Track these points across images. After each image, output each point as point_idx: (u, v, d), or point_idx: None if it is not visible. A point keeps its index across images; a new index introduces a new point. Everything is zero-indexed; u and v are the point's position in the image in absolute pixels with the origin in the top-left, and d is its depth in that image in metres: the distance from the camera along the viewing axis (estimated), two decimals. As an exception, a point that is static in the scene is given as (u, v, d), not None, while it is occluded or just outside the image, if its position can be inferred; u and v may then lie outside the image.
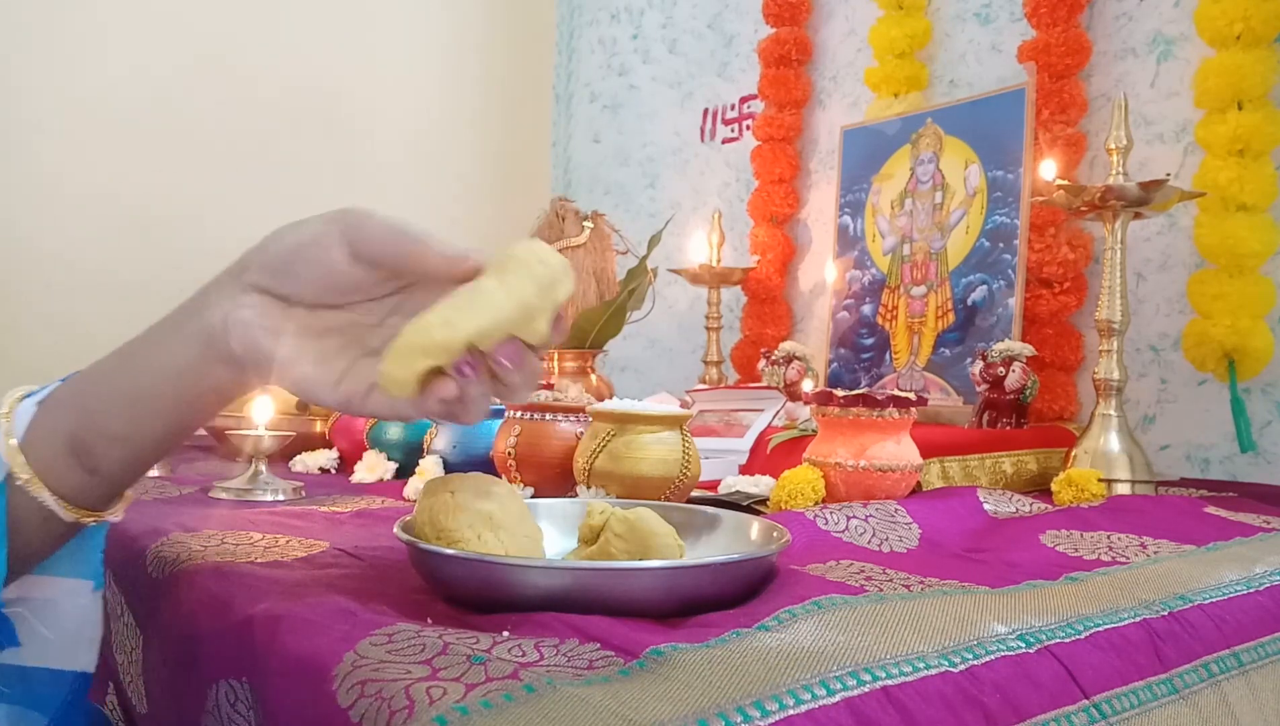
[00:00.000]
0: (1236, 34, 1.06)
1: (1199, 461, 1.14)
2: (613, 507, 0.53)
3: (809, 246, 1.63)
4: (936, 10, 1.44)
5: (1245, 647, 0.54)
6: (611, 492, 0.78)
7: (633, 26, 2.02)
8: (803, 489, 0.77)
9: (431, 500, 0.49)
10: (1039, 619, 0.47)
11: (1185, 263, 1.15)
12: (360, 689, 0.36)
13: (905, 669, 0.40)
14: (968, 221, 1.22)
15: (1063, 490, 0.86)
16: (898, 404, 0.78)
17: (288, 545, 0.62)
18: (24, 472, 0.48)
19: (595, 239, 1.42)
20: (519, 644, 0.40)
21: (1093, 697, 0.44)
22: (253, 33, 1.76)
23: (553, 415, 0.87)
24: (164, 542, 0.62)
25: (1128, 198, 0.91)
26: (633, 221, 1.91)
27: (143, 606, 0.62)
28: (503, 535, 0.49)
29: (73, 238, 1.56)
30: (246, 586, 0.50)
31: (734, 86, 1.80)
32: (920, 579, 0.55)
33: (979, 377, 1.05)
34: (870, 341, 1.32)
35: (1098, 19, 1.25)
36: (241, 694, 0.46)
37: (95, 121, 1.60)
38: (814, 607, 0.45)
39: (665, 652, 0.38)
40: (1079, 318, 1.23)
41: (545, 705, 0.34)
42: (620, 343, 1.48)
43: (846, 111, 1.57)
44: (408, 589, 0.51)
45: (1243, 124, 1.05)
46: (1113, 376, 0.93)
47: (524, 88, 2.17)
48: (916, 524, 0.71)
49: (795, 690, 0.37)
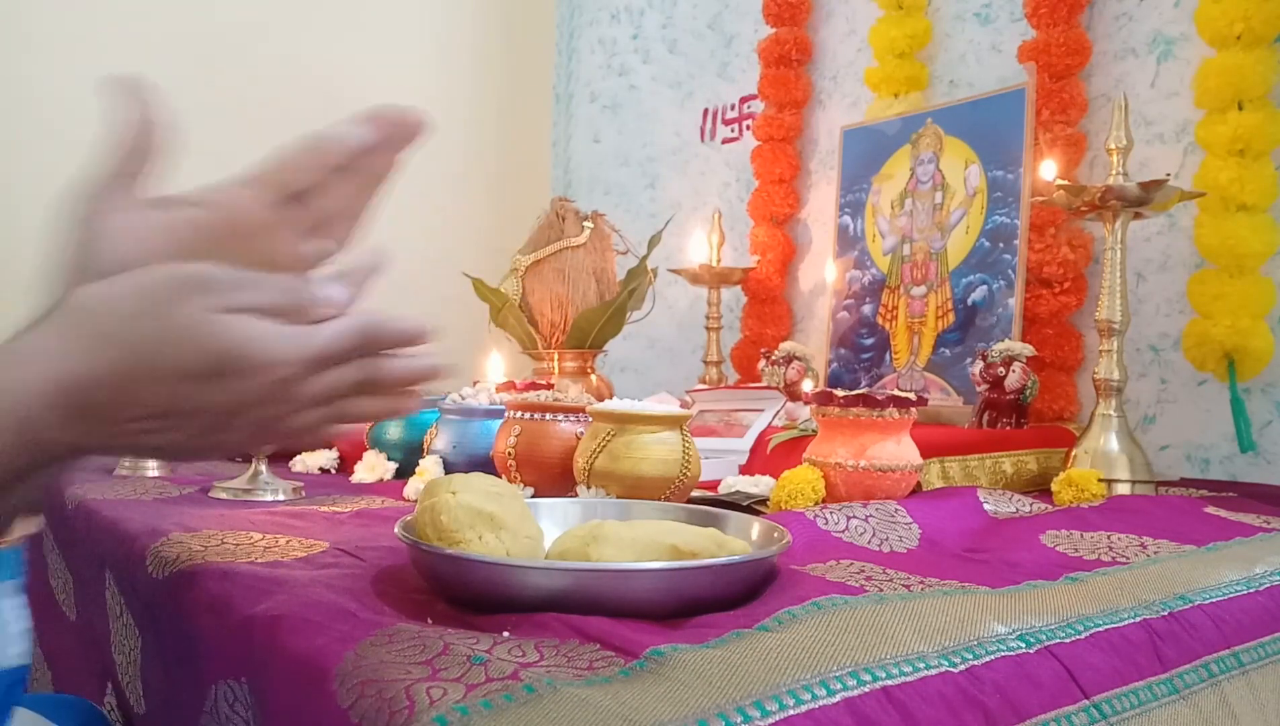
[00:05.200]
0: (1237, 34, 1.06)
1: (1199, 461, 1.14)
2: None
3: (809, 246, 1.63)
4: (936, 10, 1.44)
5: (1245, 647, 0.54)
6: (611, 492, 0.78)
7: (633, 26, 2.02)
8: (803, 489, 0.77)
9: (432, 500, 0.49)
10: (1039, 619, 0.47)
11: (1185, 263, 1.15)
12: (360, 689, 0.36)
13: (905, 669, 0.40)
14: (968, 221, 1.22)
15: (1063, 490, 0.86)
16: (898, 404, 0.78)
17: (288, 545, 0.62)
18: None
19: (595, 239, 1.42)
20: (519, 644, 0.40)
21: (1093, 697, 0.44)
22: (252, 33, 1.76)
23: (553, 415, 0.87)
24: (164, 542, 0.62)
25: (1128, 198, 0.91)
26: (633, 221, 1.91)
27: (142, 606, 0.62)
28: (504, 536, 0.49)
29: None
30: (246, 586, 0.50)
31: (734, 86, 1.80)
32: (920, 579, 0.55)
33: (979, 377, 1.05)
34: (870, 341, 1.32)
35: (1098, 19, 1.25)
36: (241, 694, 0.46)
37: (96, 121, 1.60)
38: (814, 608, 0.45)
39: (665, 653, 0.38)
40: (1079, 317, 1.23)
41: (545, 705, 0.34)
42: (620, 342, 1.48)
43: (846, 111, 1.57)
44: (408, 589, 0.51)
45: (1243, 124, 1.05)
46: (1113, 376, 0.93)
47: (524, 87, 2.17)
48: (916, 524, 0.71)
49: (795, 690, 0.37)
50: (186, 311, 0.41)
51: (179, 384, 0.41)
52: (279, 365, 0.42)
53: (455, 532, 0.48)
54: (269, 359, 0.41)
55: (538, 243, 1.42)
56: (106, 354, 0.41)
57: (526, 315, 1.40)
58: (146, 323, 0.41)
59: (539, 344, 1.39)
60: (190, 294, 0.41)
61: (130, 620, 0.64)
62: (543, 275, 1.39)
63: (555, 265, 1.38)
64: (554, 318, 1.38)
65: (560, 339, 1.38)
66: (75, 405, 0.41)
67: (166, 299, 0.41)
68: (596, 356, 1.42)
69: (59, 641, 0.86)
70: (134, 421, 0.42)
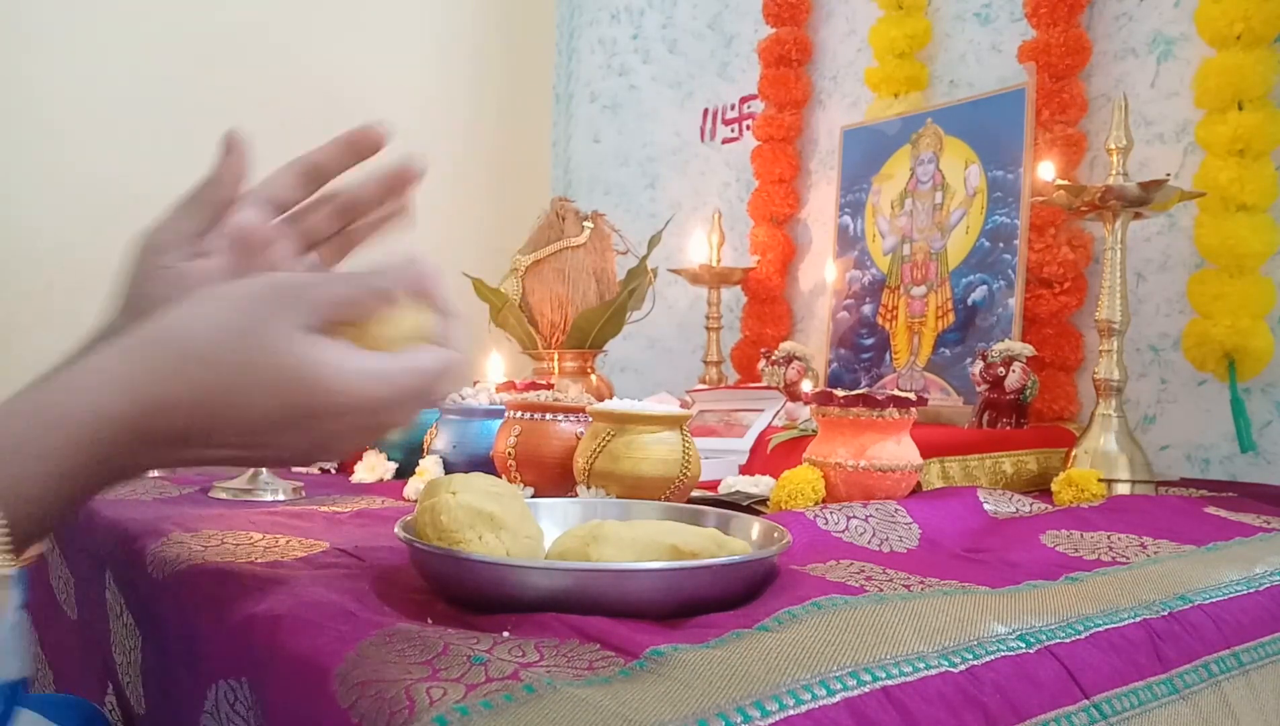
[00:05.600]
0: (1237, 34, 1.06)
1: (1199, 461, 1.14)
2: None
3: (809, 246, 1.63)
4: (936, 10, 1.44)
5: (1245, 647, 0.54)
6: (611, 492, 0.78)
7: (633, 26, 2.02)
8: (803, 489, 0.77)
9: (433, 500, 0.49)
10: (1039, 619, 0.47)
11: (1185, 263, 1.15)
12: (360, 689, 0.36)
13: (905, 669, 0.40)
14: (968, 221, 1.22)
15: (1063, 490, 0.86)
16: (898, 404, 0.78)
17: (288, 545, 0.62)
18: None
19: (595, 239, 1.42)
20: (519, 644, 0.40)
21: (1093, 697, 0.44)
22: (253, 33, 1.76)
23: (553, 415, 0.87)
24: (164, 542, 0.62)
25: (1128, 198, 0.91)
26: (633, 221, 1.91)
27: (142, 606, 0.62)
28: (504, 536, 0.49)
29: (73, 236, 1.56)
30: (246, 586, 0.50)
31: (734, 86, 1.80)
32: (920, 579, 0.55)
33: (979, 377, 1.05)
34: (870, 341, 1.32)
35: (1098, 19, 1.25)
36: (241, 694, 0.46)
37: (96, 121, 1.60)
38: (814, 608, 0.45)
39: (665, 653, 0.38)
40: (1079, 318, 1.23)
41: (545, 705, 0.34)
42: (620, 342, 1.48)
43: (846, 111, 1.57)
44: (408, 589, 0.51)
45: (1243, 124, 1.05)
46: (1113, 376, 0.93)
47: (524, 88, 2.17)
48: (916, 524, 0.71)
49: (795, 690, 0.37)
50: (276, 328, 0.41)
51: (260, 409, 0.41)
52: (360, 410, 0.42)
53: (455, 533, 0.48)
54: (351, 402, 0.42)
55: (538, 243, 1.41)
56: (188, 375, 0.41)
57: (526, 315, 1.40)
58: (234, 338, 0.41)
59: (539, 344, 1.39)
60: (281, 307, 0.41)
61: (130, 620, 0.64)
62: (543, 275, 1.38)
63: (555, 265, 1.38)
64: (554, 318, 1.38)
65: (560, 339, 1.38)
66: (151, 429, 0.41)
67: (257, 312, 0.41)
68: (596, 356, 1.42)
69: (59, 641, 0.86)
70: (209, 447, 0.43)
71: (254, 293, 0.42)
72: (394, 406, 0.43)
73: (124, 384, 0.41)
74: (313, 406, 0.41)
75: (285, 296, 0.42)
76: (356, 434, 0.44)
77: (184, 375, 0.41)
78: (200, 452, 0.43)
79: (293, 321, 0.41)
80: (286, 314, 0.41)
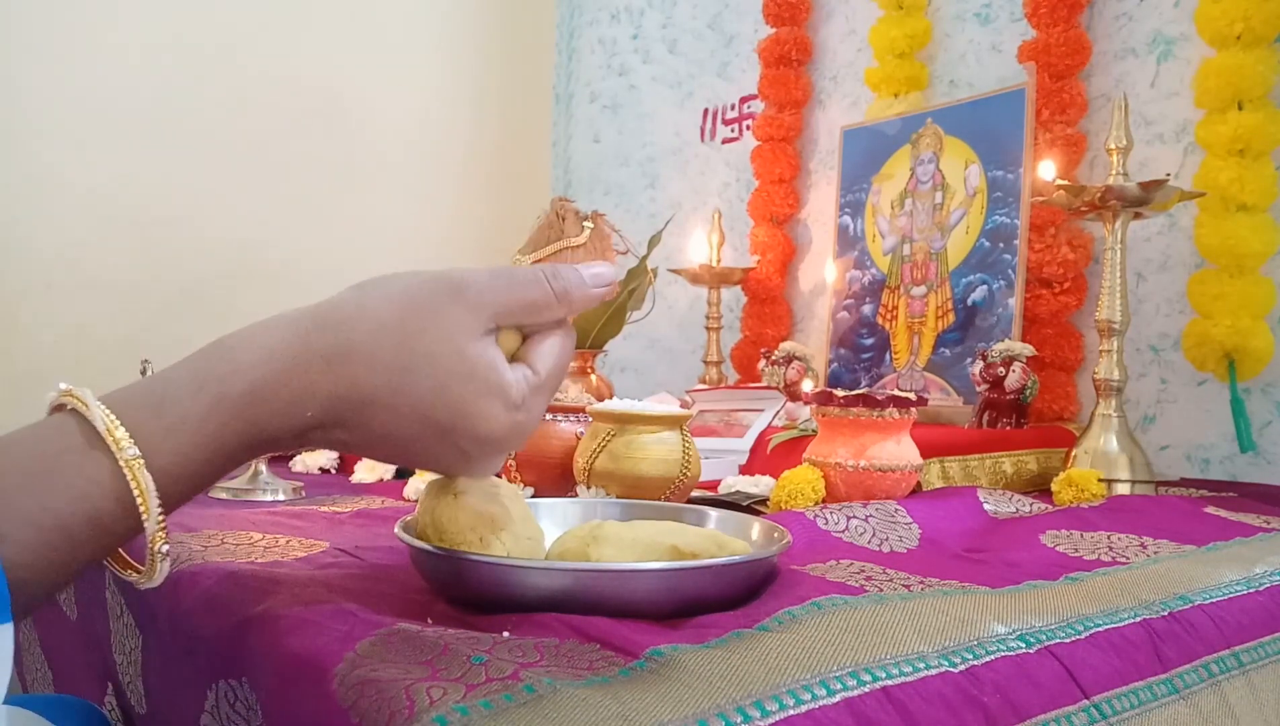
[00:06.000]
0: (1237, 34, 1.06)
1: (1199, 461, 1.14)
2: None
3: (809, 246, 1.63)
4: (936, 10, 1.44)
5: (1245, 647, 0.54)
6: (611, 492, 0.78)
7: (633, 26, 2.02)
8: (803, 489, 0.77)
9: (434, 501, 0.49)
10: (1039, 619, 0.47)
11: (1185, 263, 1.15)
12: (360, 689, 0.36)
13: (905, 669, 0.40)
14: (968, 221, 1.22)
15: (1063, 490, 0.86)
16: (898, 404, 0.78)
17: (288, 545, 0.62)
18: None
19: (595, 239, 1.42)
20: (519, 644, 0.40)
21: (1093, 697, 0.44)
22: (252, 33, 1.76)
23: (553, 415, 0.87)
24: (164, 543, 0.62)
25: (1128, 198, 0.91)
26: (633, 221, 1.91)
27: (142, 606, 0.62)
28: (505, 537, 0.49)
29: (73, 237, 1.56)
30: (246, 586, 0.50)
31: (734, 86, 1.80)
32: (920, 579, 0.55)
33: (979, 377, 1.05)
34: (870, 341, 1.32)
35: (1098, 19, 1.25)
36: (241, 694, 0.46)
37: (95, 121, 1.60)
38: (814, 608, 0.45)
39: (665, 653, 0.38)
40: (1079, 318, 1.23)
41: (545, 706, 0.33)
42: (620, 343, 1.48)
43: (846, 111, 1.57)
44: (408, 589, 0.50)
45: (1243, 124, 1.05)
46: (1113, 376, 0.93)
47: (524, 87, 2.17)
48: (916, 524, 0.71)
49: (795, 690, 0.37)
50: (449, 318, 0.40)
51: (420, 411, 0.41)
52: (522, 433, 0.43)
53: (455, 533, 0.48)
54: (526, 422, 0.43)
55: (538, 243, 1.41)
56: (353, 367, 0.41)
57: (526, 315, 1.39)
58: (407, 338, 0.41)
59: (539, 344, 1.39)
60: (451, 300, 0.41)
61: (130, 620, 0.64)
62: (543, 275, 1.38)
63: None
64: (554, 318, 1.38)
65: (560, 339, 1.38)
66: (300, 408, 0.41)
67: (427, 303, 0.41)
68: (596, 356, 1.42)
69: (59, 641, 0.86)
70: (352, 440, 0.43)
71: (429, 287, 0.41)
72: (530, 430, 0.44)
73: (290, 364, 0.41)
74: (491, 428, 0.42)
75: (464, 296, 0.41)
76: (501, 455, 0.44)
77: (351, 372, 0.41)
78: (343, 438, 0.43)
79: (472, 324, 0.41)
80: (466, 316, 0.41)
